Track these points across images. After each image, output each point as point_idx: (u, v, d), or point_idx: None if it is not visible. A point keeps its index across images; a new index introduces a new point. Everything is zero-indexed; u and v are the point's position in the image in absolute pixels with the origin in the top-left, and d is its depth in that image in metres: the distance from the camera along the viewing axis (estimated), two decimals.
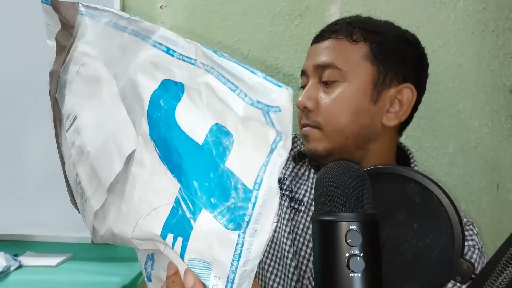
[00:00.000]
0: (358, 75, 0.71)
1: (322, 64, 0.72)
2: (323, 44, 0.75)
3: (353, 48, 0.72)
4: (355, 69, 0.71)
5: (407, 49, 0.75)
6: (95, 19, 0.52)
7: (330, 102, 0.71)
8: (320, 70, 0.73)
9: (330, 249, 0.40)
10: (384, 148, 0.75)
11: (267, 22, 1.29)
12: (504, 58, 1.23)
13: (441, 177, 1.25)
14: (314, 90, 0.73)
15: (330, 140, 0.71)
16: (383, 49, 0.73)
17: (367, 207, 0.42)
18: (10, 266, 1.03)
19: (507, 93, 1.24)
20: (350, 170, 0.43)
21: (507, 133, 1.24)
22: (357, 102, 0.71)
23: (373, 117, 0.72)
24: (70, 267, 1.09)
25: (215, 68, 0.43)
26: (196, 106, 0.44)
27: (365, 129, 0.72)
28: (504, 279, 0.35)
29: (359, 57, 0.72)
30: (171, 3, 1.34)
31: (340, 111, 0.71)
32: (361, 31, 0.73)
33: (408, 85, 0.74)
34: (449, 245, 0.43)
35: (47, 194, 1.30)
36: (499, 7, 1.23)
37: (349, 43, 0.73)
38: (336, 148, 0.72)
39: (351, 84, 0.71)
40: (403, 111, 0.74)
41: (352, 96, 0.71)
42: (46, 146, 1.33)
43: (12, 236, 1.29)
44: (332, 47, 0.73)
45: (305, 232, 0.78)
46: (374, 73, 0.72)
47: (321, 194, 0.43)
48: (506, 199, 1.24)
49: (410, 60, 0.75)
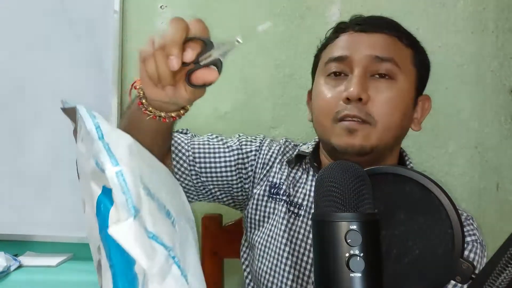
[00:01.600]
0: (408, 77, 0.72)
1: (384, 57, 0.70)
2: (375, 36, 0.72)
3: (405, 51, 0.73)
4: (407, 72, 0.72)
5: (428, 60, 0.79)
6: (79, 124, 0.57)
7: (385, 98, 0.69)
8: (377, 62, 0.70)
9: (330, 249, 0.40)
10: (399, 149, 0.79)
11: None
12: (504, 59, 1.24)
13: (441, 177, 1.25)
14: (365, 81, 0.69)
15: (380, 137, 0.69)
16: (422, 58, 0.76)
17: (367, 207, 0.42)
18: (10, 266, 1.03)
19: (507, 93, 1.24)
20: (350, 170, 0.43)
21: (507, 133, 1.24)
22: (406, 103, 0.72)
23: (409, 120, 0.75)
24: (70, 267, 1.09)
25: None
26: None
27: (405, 130, 0.74)
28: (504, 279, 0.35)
29: (409, 61, 0.73)
30: (171, 3, 1.34)
31: (394, 108, 0.70)
32: (407, 36, 0.75)
33: (426, 95, 0.78)
34: (449, 245, 0.43)
35: (47, 194, 1.30)
36: (499, 7, 1.23)
37: (401, 45, 0.73)
38: (380, 146, 0.70)
39: (403, 85, 0.71)
40: (422, 119, 0.78)
41: (404, 96, 0.71)
42: (47, 146, 1.34)
43: (12, 236, 1.28)
44: (390, 42, 0.73)
45: (307, 236, 0.77)
46: (417, 79, 0.74)
47: (321, 194, 0.43)
48: (506, 199, 1.24)
49: (428, 71, 0.79)
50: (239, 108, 1.30)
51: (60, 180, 1.30)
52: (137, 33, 1.35)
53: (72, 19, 1.32)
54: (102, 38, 1.31)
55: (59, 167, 1.31)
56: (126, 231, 0.39)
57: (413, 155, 1.27)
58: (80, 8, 1.32)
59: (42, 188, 1.30)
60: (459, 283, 0.43)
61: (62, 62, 1.32)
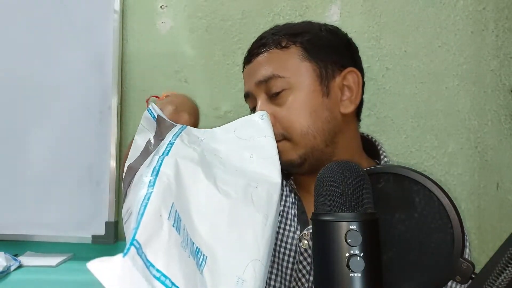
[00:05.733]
0: (301, 76, 0.71)
1: (264, 78, 0.72)
2: (256, 61, 0.75)
3: (286, 54, 0.73)
4: (297, 72, 0.72)
5: (333, 38, 0.76)
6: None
7: (286, 111, 0.71)
8: (264, 85, 0.72)
9: (330, 249, 0.40)
10: (350, 138, 0.76)
11: (267, 22, 1.29)
12: (504, 58, 1.24)
13: (441, 177, 1.25)
14: (266, 107, 0.72)
15: (300, 145, 0.71)
16: (313, 45, 0.73)
17: (367, 207, 0.42)
18: (10, 266, 1.03)
19: (507, 93, 1.24)
20: (350, 170, 0.43)
21: (507, 132, 1.24)
22: (311, 101, 0.71)
23: (331, 110, 0.72)
24: (70, 267, 1.09)
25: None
26: None
27: (327, 123, 0.71)
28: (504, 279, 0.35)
29: (295, 60, 0.72)
30: (171, 3, 1.34)
31: (298, 115, 0.70)
32: (287, 36, 0.74)
33: (349, 69, 0.74)
34: (449, 245, 0.43)
35: (47, 194, 1.30)
36: (499, 7, 1.23)
37: (280, 51, 0.73)
38: (308, 150, 0.71)
39: (299, 88, 0.71)
40: (355, 95, 0.74)
41: (305, 97, 0.71)
42: (47, 146, 1.34)
43: (12, 236, 1.29)
44: (267, 60, 0.73)
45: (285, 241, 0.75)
46: (315, 69, 0.72)
47: (321, 194, 0.43)
48: (506, 199, 1.24)
49: (341, 46, 0.76)
50: (239, 108, 1.30)
51: (60, 180, 1.30)
52: (137, 33, 1.35)
53: (72, 19, 1.32)
54: (102, 38, 1.31)
55: (60, 167, 1.31)
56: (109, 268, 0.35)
57: (413, 155, 1.28)
58: (80, 8, 1.32)
59: (42, 188, 1.30)
60: (459, 283, 0.43)
61: (62, 62, 1.32)
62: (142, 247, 0.38)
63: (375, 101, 1.27)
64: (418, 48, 1.26)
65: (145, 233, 0.39)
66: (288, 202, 0.78)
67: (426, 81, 1.26)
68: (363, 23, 1.28)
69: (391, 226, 0.45)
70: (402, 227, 0.45)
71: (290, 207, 0.77)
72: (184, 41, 1.33)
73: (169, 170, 0.49)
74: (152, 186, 0.45)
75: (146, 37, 1.35)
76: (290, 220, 0.76)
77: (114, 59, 1.31)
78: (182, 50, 1.34)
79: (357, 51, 0.79)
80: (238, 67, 1.30)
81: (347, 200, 0.41)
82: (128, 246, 0.37)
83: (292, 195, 0.79)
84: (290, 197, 0.79)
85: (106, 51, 1.31)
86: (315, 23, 0.79)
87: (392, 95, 1.26)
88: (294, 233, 0.74)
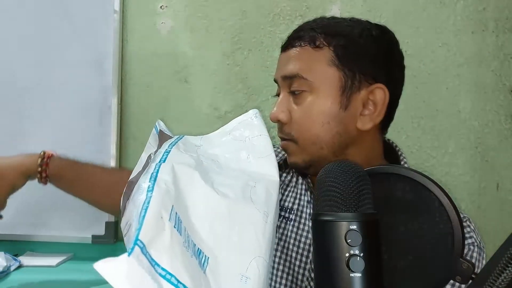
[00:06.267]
0: (325, 83, 0.69)
1: (289, 75, 0.71)
2: (289, 52, 0.73)
3: (317, 55, 0.70)
4: (321, 77, 0.69)
5: (373, 46, 0.71)
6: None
7: (300, 113, 0.69)
8: (288, 80, 0.71)
9: (330, 249, 0.40)
10: (365, 151, 0.73)
11: (268, 22, 1.29)
12: (504, 59, 1.24)
13: (441, 177, 1.25)
14: (285, 101, 0.71)
15: (307, 152, 0.70)
16: (348, 51, 0.70)
17: (367, 207, 0.42)
18: (10, 266, 1.03)
19: (507, 93, 1.24)
20: (351, 170, 0.43)
21: (507, 133, 1.24)
22: (327, 111, 0.69)
23: (346, 124, 0.69)
24: (70, 267, 1.09)
25: None
26: None
27: (339, 136, 0.69)
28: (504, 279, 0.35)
29: (324, 64, 0.70)
30: (171, 3, 1.34)
31: (311, 122, 0.69)
32: (324, 35, 0.70)
33: (379, 85, 0.70)
34: (449, 245, 0.43)
35: (48, 194, 1.30)
36: (499, 7, 1.23)
37: (313, 50, 0.70)
38: (314, 158, 0.70)
39: (319, 94, 0.69)
40: (378, 112, 0.70)
41: (321, 105, 0.69)
42: (47, 146, 1.33)
43: (12, 236, 1.28)
44: (297, 56, 0.71)
45: (298, 240, 0.75)
46: (341, 78, 0.69)
47: (321, 194, 0.43)
48: (506, 199, 1.24)
49: (378, 57, 0.72)
50: (239, 108, 1.30)
51: None
52: (137, 33, 1.35)
53: (72, 19, 1.32)
54: (102, 38, 1.31)
55: None
56: (116, 268, 0.35)
57: (413, 155, 1.28)
58: (80, 8, 1.32)
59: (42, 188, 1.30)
60: (459, 283, 0.43)
61: (62, 62, 1.32)
62: (146, 247, 0.38)
63: None
64: (418, 48, 1.26)
65: (148, 233, 0.39)
66: (303, 201, 0.78)
67: (427, 81, 1.26)
68: None
69: (391, 226, 0.45)
70: (402, 227, 0.45)
71: (305, 206, 0.77)
72: (184, 41, 1.34)
73: (167, 175, 0.50)
74: (151, 191, 0.45)
75: (146, 37, 1.35)
76: (305, 219, 0.75)
77: (114, 59, 1.31)
78: (182, 50, 1.34)
79: (399, 62, 0.75)
80: (238, 67, 1.30)
81: (347, 200, 0.41)
82: (132, 246, 0.37)
83: (308, 194, 0.77)
84: (306, 196, 0.78)
85: (106, 51, 1.31)
86: (362, 23, 0.74)
87: None
88: (308, 232, 0.74)
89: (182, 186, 0.51)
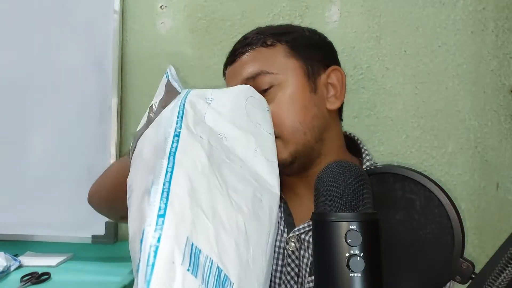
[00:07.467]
0: (289, 73, 0.71)
1: (252, 75, 0.71)
2: (241, 60, 0.74)
3: (272, 52, 0.73)
4: (284, 68, 0.71)
5: (316, 38, 0.78)
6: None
7: (275, 109, 0.69)
8: (251, 83, 0.71)
9: (330, 249, 0.40)
10: (335, 136, 0.76)
11: (267, 22, 1.29)
12: (503, 58, 1.24)
13: (441, 177, 1.25)
14: None
15: (291, 142, 0.70)
16: (299, 43, 0.74)
17: (367, 207, 0.42)
18: (10, 266, 1.03)
19: (507, 93, 1.24)
20: (350, 170, 0.43)
21: (506, 133, 1.24)
22: (300, 97, 0.71)
23: (318, 106, 0.72)
24: (70, 267, 1.09)
25: None
26: None
27: (316, 119, 0.71)
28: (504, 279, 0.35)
29: (282, 57, 0.72)
30: (171, 3, 1.34)
31: (288, 111, 0.70)
32: (272, 35, 0.74)
33: (333, 67, 0.75)
34: (449, 245, 0.43)
35: (47, 194, 1.30)
36: (499, 7, 1.23)
37: (266, 49, 0.73)
38: (299, 148, 0.70)
39: (287, 84, 0.71)
40: (340, 92, 0.74)
41: (294, 93, 0.71)
42: (47, 146, 1.34)
43: (12, 236, 1.29)
44: (252, 58, 0.73)
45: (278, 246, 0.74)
46: (302, 66, 0.72)
47: (321, 194, 0.43)
48: (506, 199, 1.24)
49: (323, 46, 0.78)
50: None
51: (61, 180, 1.30)
52: (137, 33, 1.35)
53: (72, 19, 1.32)
54: (102, 38, 1.31)
55: (60, 167, 1.31)
56: None
57: (413, 155, 1.28)
58: (80, 8, 1.32)
59: (42, 188, 1.30)
60: (458, 283, 0.43)
61: (62, 62, 1.32)
62: None
63: (375, 101, 1.27)
64: (418, 48, 1.26)
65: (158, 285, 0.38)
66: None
67: (426, 81, 1.26)
68: (363, 23, 1.28)
69: (391, 226, 0.45)
70: (402, 227, 0.45)
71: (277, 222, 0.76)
72: (184, 41, 1.34)
73: (181, 189, 0.44)
74: (162, 216, 0.41)
75: (146, 37, 1.35)
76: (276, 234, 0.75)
77: (114, 59, 1.31)
78: (182, 50, 1.34)
79: (337, 53, 0.81)
80: None
81: (347, 200, 0.41)
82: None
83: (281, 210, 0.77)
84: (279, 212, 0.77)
85: (106, 51, 1.31)
86: (296, 25, 0.82)
87: (392, 95, 1.26)
88: (281, 235, 0.73)
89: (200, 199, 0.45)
